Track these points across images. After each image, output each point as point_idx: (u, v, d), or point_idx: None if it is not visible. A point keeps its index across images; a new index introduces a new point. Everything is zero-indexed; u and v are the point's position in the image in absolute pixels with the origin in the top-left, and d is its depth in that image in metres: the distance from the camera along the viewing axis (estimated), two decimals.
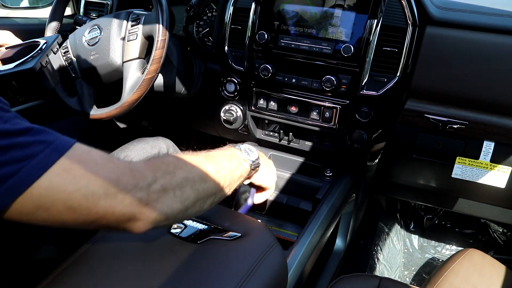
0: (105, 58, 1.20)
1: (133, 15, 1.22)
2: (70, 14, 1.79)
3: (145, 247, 0.77)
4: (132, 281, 0.70)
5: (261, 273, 0.74)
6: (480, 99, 1.08)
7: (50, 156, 0.55)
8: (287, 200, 1.21)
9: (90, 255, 0.75)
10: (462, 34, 1.07)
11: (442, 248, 1.81)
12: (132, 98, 1.13)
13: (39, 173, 0.53)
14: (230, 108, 1.38)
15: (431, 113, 1.13)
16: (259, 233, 0.83)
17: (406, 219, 1.91)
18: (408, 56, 1.11)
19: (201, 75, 1.43)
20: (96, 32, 1.23)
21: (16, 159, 0.52)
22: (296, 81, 1.25)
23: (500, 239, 1.79)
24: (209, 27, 1.50)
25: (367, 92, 1.17)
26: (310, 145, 1.38)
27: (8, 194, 0.52)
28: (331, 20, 1.19)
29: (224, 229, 0.81)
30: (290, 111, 1.30)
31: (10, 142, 0.53)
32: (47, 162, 0.54)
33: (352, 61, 1.17)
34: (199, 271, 0.72)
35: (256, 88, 1.32)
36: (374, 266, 1.68)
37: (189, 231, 0.80)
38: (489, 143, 1.12)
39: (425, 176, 1.32)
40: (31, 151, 0.54)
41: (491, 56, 1.04)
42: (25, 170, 0.52)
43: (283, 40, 1.24)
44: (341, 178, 1.30)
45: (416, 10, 1.09)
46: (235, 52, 1.32)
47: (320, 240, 1.08)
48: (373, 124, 1.21)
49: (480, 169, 1.16)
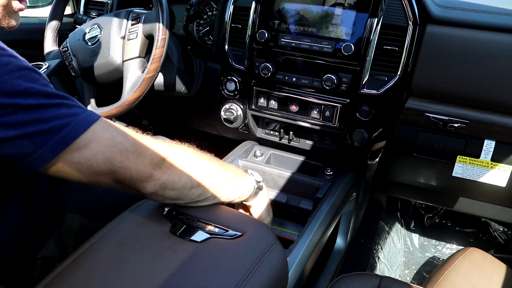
0: (105, 57, 1.20)
1: (133, 14, 1.22)
2: (70, 13, 1.79)
3: (146, 246, 0.77)
4: (132, 280, 0.70)
5: (262, 272, 0.74)
6: (481, 98, 1.08)
7: (91, 116, 0.66)
8: (287, 199, 1.21)
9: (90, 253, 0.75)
10: (463, 32, 1.07)
11: (443, 247, 1.81)
12: (132, 97, 1.13)
13: (85, 127, 0.64)
14: (230, 107, 1.38)
15: (431, 112, 1.13)
16: (260, 232, 0.83)
17: (407, 218, 1.91)
18: (409, 55, 1.11)
19: (201, 74, 1.43)
20: (96, 31, 1.23)
21: (66, 114, 0.63)
22: (296, 80, 1.25)
23: (501, 238, 1.78)
24: (209, 26, 1.49)
25: (368, 91, 1.17)
26: (310, 144, 1.38)
27: (61, 143, 0.63)
28: (331, 19, 1.18)
29: (225, 228, 0.81)
30: (290, 110, 1.30)
31: (59, 101, 0.64)
32: (90, 119, 0.66)
33: (353, 60, 1.17)
34: (199, 270, 0.71)
35: (256, 87, 1.32)
36: (375, 265, 1.68)
37: (189, 230, 0.80)
38: (490, 142, 1.12)
39: (425, 175, 1.32)
40: (76, 110, 0.65)
41: (492, 54, 1.04)
42: (74, 123, 0.64)
43: (284, 39, 1.24)
44: (341, 177, 1.30)
45: (417, 9, 1.09)
46: (235, 51, 1.32)
47: (321, 239, 1.07)
48: (373, 123, 1.21)
49: (480, 168, 1.16)
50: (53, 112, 0.62)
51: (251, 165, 1.34)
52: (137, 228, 0.81)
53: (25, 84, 0.61)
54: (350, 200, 1.35)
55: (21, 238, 0.84)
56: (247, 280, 0.70)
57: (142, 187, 0.73)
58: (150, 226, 0.81)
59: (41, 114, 0.61)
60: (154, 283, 0.68)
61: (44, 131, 0.61)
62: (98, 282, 0.70)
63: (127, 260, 0.74)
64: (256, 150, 1.43)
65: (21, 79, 0.61)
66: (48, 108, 0.62)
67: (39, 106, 0.61)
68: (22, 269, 0.88)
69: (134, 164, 0.70)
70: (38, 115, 0.61)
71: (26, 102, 0.60)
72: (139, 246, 0.77)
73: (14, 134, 0.60)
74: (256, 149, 1.45)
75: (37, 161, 0.62)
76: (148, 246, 0.77)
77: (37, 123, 0.61)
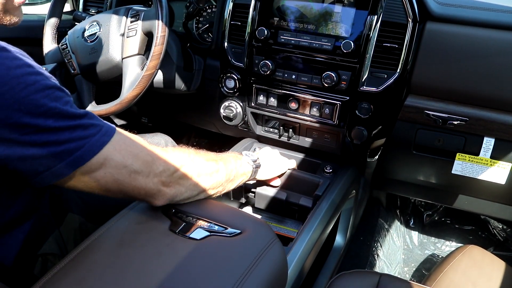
0: (105, 54, 1.20)
1: (132, 11, 1.21)
2: (69, 10, 1.78)
3: (145, 243, 0.77)
4: (131, 278, 0.70)
5: (261, 269, 0.74)
6: (481, 95, 1.08)
7: (105, 136, 0.69)
8: (287, 196, 1.21)
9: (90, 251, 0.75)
10: (463, 30, 1.07)
11: (442, 245, 1.81)
12: (132, 95, 1.13)
13: (97, 150, 0.67)
14: (229, 105, 1.37)
15: (431, 109, 1.13)
16: (259, 229, 0.83)
17: (406, 215, 1.91)
18: (408, 52, 1.11)
19: (200, 71, 1.43)
20: (95, 28, 1.23)
21: (81, 137, 0.66)
22: (296, 77, 1.24)
23: (500, 236, 1.79)
24: (208, 23, 1.49)
25: (367, 88, 1.16)
26: (310, 142, 1.38)
27: (73, 164, 0.66)
28: (331, 16, 1.18)
29: (224, 225, 0.81)
30: (290, 107, 1.30)
31: (76, 123, 0.66)
32: (103, 141, 0.68)
33: (352, 57, 1.17)
34: (198, 268, 0.72)
35: (256, 84, 1.31)
36: (374, 262, 1.68)
37: (188, 228, 0.80)
38: (490, 139, 1.12)
39: (425, 173, 1.32)
40: (90, 132, 0.68)
41: (492, 52, 1.04)
42: (87, 146, 0.66)
43: (283, 36, 1.23)
44: (341, 174, 1.30)
45: (417, 6, 1.09)
46: (234, 48, 1.32)
47: (320, 237, 1.07)
48: (373, 120, 1.21)
49: (480, 165, 1.16)
50: (69, 134, 0.65)
51: None
52: (137, 226, 0.81)
53: (50, 104, 0.64)
54: (349, 197, 1.35)
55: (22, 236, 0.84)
56: (246, 278, 0.70)
57: (151, 201, 0.79)
58: (149, 224, 0.81)
59: (58, 136, 0.64)
60: (153, 281, 0.68)
61: (58, 153, 0.65)
62: (98, 280, 0.70)
63: (127, 258, 0.74)
64: (255, 147, 1.43)
65: (47, 98, 0.64)
66: (65, 130, 0.65)
67: (57, 129, 0.64)
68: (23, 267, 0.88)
69: (143, 184, 0.75)
70: (55, 137, 0.64)
71: (46, 124, 0.63)
72: (139, 244, 0.77)
73: (31, 153, 0.63)
74: (255, 146, 1.45)
75: (49, 178, 0.66)
76: (147, 244, 0.77)
77: (52, 145, 0.64)
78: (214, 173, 0.89)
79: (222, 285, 0.69)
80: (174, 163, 0.79)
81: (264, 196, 1.21)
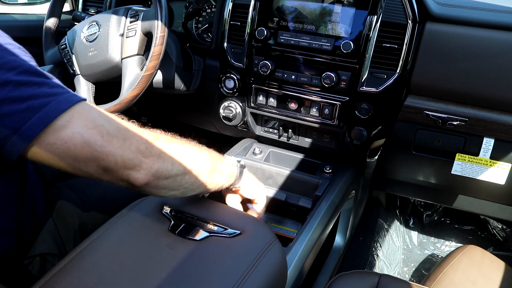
0: (104, 54, 1.20)
1: (131, 11, 1.21)
2: (68, 10, 1.78)
3: (145, 244, 0.77)
4: (131, 279, 0.70)
5: (261, 270, 0.74)
6: (480, 96, 1.08)
7: (73, 97, 0.62)
8: (286, 197, 1.21)
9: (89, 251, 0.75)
10: (462, 30, 1.07)
11: (442, 245, 1.82)
12: (131, 95, 1.13)
13: (65, 107, 0.60)
14: (229, 105, 1.37)
15: (431, 110, 1.13)
16: (259, 230, 0.83)
17: (406, 215, 1.91)
18: (408, 53, 1.11)
19: (200, 71, 1.43)
20: (94, 28, 1.23)
21: (47, 93, 0.60)
22: (295, 77, 1.24)
23: (499, 236, 1.79)
24: (208, 23, 1.49)
25: (367, 89, 1.16)
26: (309, 142, 1.38)
27: (40, 123, 0.58)
28: (330, 16, 1.18)
29: (223, 226, 0.81)
30: (289, 107, 1.29)
31: (42, 80, 0.61)
32: (72, 99, 0.61)
33: (352, 58, 1.17)
34: (198, 269, 0.72)
35: (255, 84, 1.31)
36: (374, 262, 1.68)
37: (188, 229, 0.80)
38: (489, 139, 1.12)
39: (424, 173, 1.32)
40: (57, 90, 0.61)
41: (492, 52, 1.04)
42: (54, 103, 0.59)
43: (283, 37, 1.23)
44: (340, 174, 1.30)
45: (416, 6, 1.09)
46: (234, 49, 1.32)
47: (320, 237, 1.07)
48: (372, 120, 1.21)
49: (480, 166, 1.16)
50: (33, 90, 0.59)
51: (250, 162, 1.34)
52: (136, 226, 0.81)
53: (8, 57, 0.59)
54: (349, 198, 1.35)
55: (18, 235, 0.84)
56: (246, 279, 0.70)
57: (132, 177, 0.66)
58: (149, 224, 0.81)
59: (20, 92, 0.58)
60: (153, 281, 0.68)
61: (22, 110, 0.57)
62: (98, 281, 0.69)
63: (126, 258, 0.74)
64: (255, 147, 1.43)
65: (5, 51, 0.59)
66: (28, 85, 0.58)
67: (19, 83, 0.58)
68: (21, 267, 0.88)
69: (119, 149, 0.64)
70: (17, 93, 0.57)
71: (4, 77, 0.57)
72: (138, 244, 0.77)
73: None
74: (255, 146, 1.44)
75: (18, 143, 0.58)
76: (147, 244, 0.77)
77: (14, 102, 0.57)
78: (199, 154, 0.79)
79: (222, 286, 0.69)
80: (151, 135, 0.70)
81: None
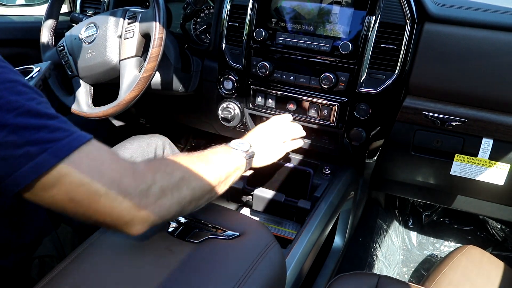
0: (102, 56, 1.19)
1: (129, 13, 1.21)
2: (66, 11, 1.78)
3: (143, 246, 0.77)
4: (130, 281, 0.70)
5: (260, 272, 0.74)
6: (479, 96, 1.08)
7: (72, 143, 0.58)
8: (285, 198, 1.21)
9: (88, 254, 0.75)
10: (461, 31, 1.07)
11: (441, 245, 1.81)
12: (129, 97, 1.13)
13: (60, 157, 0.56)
14: (227, 106, 1.37)
15: (429, 111, 1.13)
16: (257, 232, 0.82)
17: (405, 216, 1.91)
18: (407, 53, 1.11)
19: (198, 72, 1.43)
20: (92, 30, 1.22)
21: (46, 140, 0.56)
22: (294, 78, 1.24)
23: (499, 236, 1.79)
24: (206, 24, 1.49)
25: (366, 90, 1.16)
26: (308, 143, 1.37)
27: (32, 172, 0.55)
28: (329, 17, 1.18)
29: (222, 228, 0.81)
30: (288, 108, 1.29)
31: (41, 123, 0.56)
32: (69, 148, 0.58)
33: (350, 59, 1.17)
34: (197, 271, 0.71)
35: (254, 85, 1.31)
36: (373, 263, 1.68)
37: (187, 231, 0.80)
38: (488, 140, 1.12)
39: (423, 174, 1.32)
40: (56, 135, 0.57)
41: (490, 53, 1.04)
42: (50, 152, 0.56)
43: (281, 38, 1.23)
44: (339, 175, 1.30)
45: (415, 7, 1.09)
46: (232, 50, 1.32)
47: (319, 238, 1.07)
48: (371, 121, 1.21)
49: (478, 166, 1.16)
50: (30, 135, 0.55)
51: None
52: None
53: (9, 97, 0.55)
54: (348, 198, 1.35)
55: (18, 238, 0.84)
56: (245, 281, 0.70)
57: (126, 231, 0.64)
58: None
59: (17, 137, 0.54)
60: (152, 284, 0.68)
61: (18, 156, 0.54)
62: (96, 283, 0.69)
63: (125, 261, 0.74)
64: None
65: (6, 91, 0.55)
66: (26, 130, 0.55)
67: (16, 127, 0.54)
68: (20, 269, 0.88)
69: (107, 208, 0.61)
70: (13, 138, 0.54)
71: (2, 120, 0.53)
72: (137, 247, 0.76)
73: None
74: None
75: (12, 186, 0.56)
76: (146, 247, 0.76)
77: (10, 147, 0.54)
78: (208, 173, 0.76)
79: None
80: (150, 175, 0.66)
81: (262, 198, 1.21)
